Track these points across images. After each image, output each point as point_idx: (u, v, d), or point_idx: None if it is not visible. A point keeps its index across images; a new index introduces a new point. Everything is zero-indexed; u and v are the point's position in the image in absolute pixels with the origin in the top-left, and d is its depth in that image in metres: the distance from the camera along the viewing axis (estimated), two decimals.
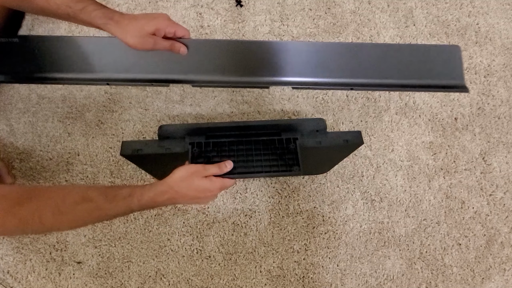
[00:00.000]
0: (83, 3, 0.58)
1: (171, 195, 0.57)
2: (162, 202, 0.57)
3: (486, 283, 0.83)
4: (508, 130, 0.92)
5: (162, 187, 0.57)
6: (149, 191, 0.56)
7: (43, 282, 0.79)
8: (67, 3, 0.57)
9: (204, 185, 0.58)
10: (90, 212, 0.53)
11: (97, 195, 0.53)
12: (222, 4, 0.97)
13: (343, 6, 0.98)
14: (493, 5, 1.00)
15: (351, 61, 0.66)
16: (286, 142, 0.64)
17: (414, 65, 0.65)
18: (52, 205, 0.51)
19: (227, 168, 0.60)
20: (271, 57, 0.66)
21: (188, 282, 0.81)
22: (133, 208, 0.56)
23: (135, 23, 0.58)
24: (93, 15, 0.58)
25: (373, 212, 0.86)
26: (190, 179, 0.57)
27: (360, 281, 0.82)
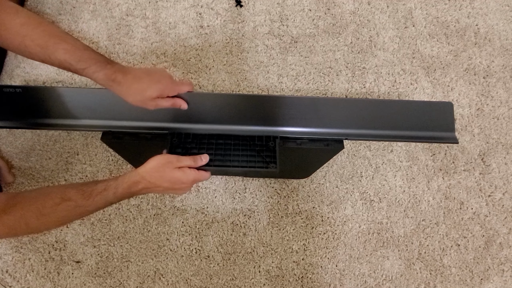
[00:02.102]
0: (85, 63, 0.57)
1: (145, 185, 0.58)
2: (137, 192, 0.58)
3: (485, 283, 0.83)
4: (507, 131, 0.92)
5: (135, 178, 0.57)
6: (123, 183, 0.57)
7: (42, 281, 0.79)
8: (69, 61, 0.57)
9: (177, 176, 0.58)
10: (71, 210, 0.56)
11: (74, 193, 0.55)
12: (222, 4, 0.97)
13: (343, 7, 0.98)
14: (493, 6, 1.00)
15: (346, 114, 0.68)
16: (266, 140, 0.65)
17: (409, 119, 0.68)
18: (34, 210, 0.54)
19: (202, 162, 0.61)
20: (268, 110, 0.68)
21: (187, 282, 0.81)
22: (111, 201, 0.57)
23: (137, 86, 0.59)
24: (95, 77, 0.58)
25: (372, 213, 0.86)
26: (162, 170, 0.58)
27: (358, 282, 0.82)
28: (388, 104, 0.69)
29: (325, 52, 0.95)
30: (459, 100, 0.93)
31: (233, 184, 0.86)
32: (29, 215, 0.54)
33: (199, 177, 0.61)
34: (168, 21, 0.95)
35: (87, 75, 0.58)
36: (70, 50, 0.56)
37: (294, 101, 0.68)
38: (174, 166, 0.58)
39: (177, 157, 0.59)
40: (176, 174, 0.58)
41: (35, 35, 0.56)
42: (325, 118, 0.67)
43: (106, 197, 0.56)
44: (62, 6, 0.95)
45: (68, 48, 0.56)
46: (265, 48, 0.94)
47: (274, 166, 0.62)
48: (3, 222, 0.52)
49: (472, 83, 0.95)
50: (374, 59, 0.95)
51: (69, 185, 0.58)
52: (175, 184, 0.59)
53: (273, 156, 0.63)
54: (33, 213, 0.54)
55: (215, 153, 0.63)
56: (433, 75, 0.94)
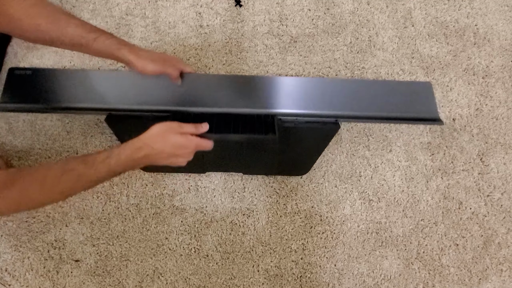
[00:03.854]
0: (96, 33, 0.61)
1: (147, 152, 0.58)
2: (139, 160, 0.58)
3: (483, 283, 0.83)
4: (506, 131, 0.92)
5: (138, 144, 0.58)
6: (125, 149, 0.57)
7: (41, 280, 0.79)
8: (80, 34, 0.60)
9: (180, 141, 0.59)
10: (74, 181, 0.55)
11: (76, 164, 0.55)
12: (222, 4, 0.97)
13: (342, 7, 0.98)
14: (492, 7, 1.00)
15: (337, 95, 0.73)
16: (264, 118, 0.68)
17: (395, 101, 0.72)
18: (37, 183, 0.54)
19: (203, 129, 0.62)
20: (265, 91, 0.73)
21: (186, 281, 0.81)
22: (113, 169, 0.57)
23: (147, 52, 0.65)
24: (107, 43, 0.61)
25: (371, 212, 0.86)
26: (165, 135, 0.58)
27: (357, 281, 0.82)
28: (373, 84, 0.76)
29: (324, 52, 0.95)
30: (458, 100, 0.93)
31: (232, 184, 0.86)
32: (31, 188, 0.53)
33: (201, 143, 0.61)
34: (168, 21, 0.95)
35: (99, 43, 0.61)
36: (81, 24, 0.60)
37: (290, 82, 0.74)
38: (177, 132, 0.59)
39: (179, 124, 0.60)
40: (179, 139, 0.59)
41: (46, 13, 0.59)
42: (319, 100, 0.71)
43: (108, 165, 0.56)
44: (62, 5, 0.95)
45: (78, 23, 0.60)
46: (265, 47, 0.95)
47: (273, 136, 0.65)
48: (5, 197, 0.52)
49: (471, 83, 0.95)
50: (373, 59, 0.95)
51: (71, 157, 0.59)
52: (177, 149, 0.59)
53: (272, 128, 0.66)
54: (35, 186, 0.53)
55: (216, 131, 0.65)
56: (432, 75, 0.95)
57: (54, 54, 0.91)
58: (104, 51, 0.62)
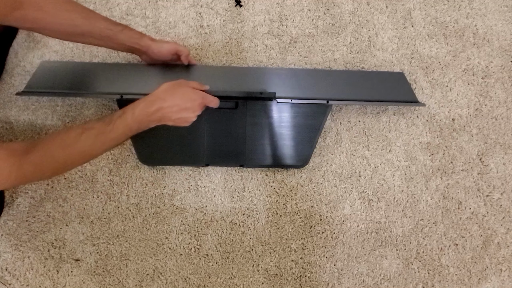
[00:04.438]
0: (121, 26, 0.72)
1: (160, 104, 0.63)
2: (153, 114, 0.63)
3: (483, 283, 0.84)
4: (506, 131, 0.92)
5: (150, 98, 0.64)
6: (140, 103, 0.63)
7: (41, 279, 0.80)
8: (108, 26, 0.70)
9: (188, 92, 0.66)
10: (94, 138, 0.59)
11: (95, 122, 0.61)
12: (222, 4, 0.97)
13: (342, 7, 0.99)
14: (491, 7, 1.00)
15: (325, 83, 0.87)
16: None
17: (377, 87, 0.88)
18: (59, 142, 0.58)
19: (206, 87, 0.70)
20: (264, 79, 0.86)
21: (186, 281, 0.81)
22: (129, 125, 0.62)
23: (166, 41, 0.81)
24: (131, 33, 0.73)
25: (370, 212, 0.86)
26: (175, 88, 0.65)
27: (357, 281, 0.83)
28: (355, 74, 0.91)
29: (324, 52, 0.95)
30: (457, 101, 0.94)
31: (232, 183, 0.86)
32: (54, 148, 0.57)
33: (208, 97, 0.68)
34: (168, 21, 0.96)
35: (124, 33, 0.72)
36: (106, 18, 0.71)
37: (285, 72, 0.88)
38: (185, 85, 0.66)
39: (185, 80, 0.68)
40: (187, 90, 0.66)
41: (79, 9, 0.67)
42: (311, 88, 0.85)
43: (125, 120, 0.61)
44: None
45: (104, 17, 0.71)
46: (265, 48, 0.95)
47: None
48: (29, 161, 0.54)
49: (470, 83, 0.95)
50: (373, 59, 0.95)
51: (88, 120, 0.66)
52: (187, 101, 0.65)
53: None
54: (58, 145, 0.57)
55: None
56: (431, 75, 0.95)
57: (54, 54, 0.91)
58: (129, 41, 0.73)
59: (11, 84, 0.90)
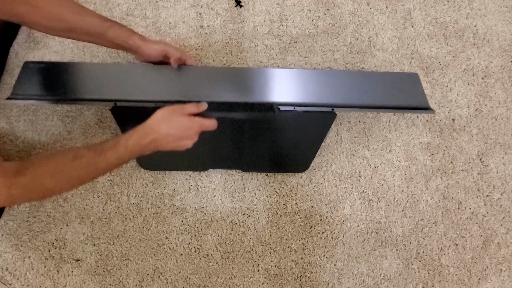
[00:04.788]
0: (111, 22, 0.68)
1: (154, 136, 0.61)
2: (147, 145, 0.61)
3: (483, 283, 0.84)
4: (505, 132, 0.92)
5: (144, 129, 0.61)
6: (133, 136, 0.60)
7: (42, 279, 0.80)
8: (97, 23, 0.67)
9: (184, 122, 0.62)
10: (84, 168, 0.58)
11: (86, 151, 0.58)
12: (222, 4, 0.97)
13: (342, 7, 0.99)
14: (491, 7, 1.00)
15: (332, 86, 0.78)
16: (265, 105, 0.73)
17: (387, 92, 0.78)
18: (48, 169, 0.56)
19: (203, 107, 0.67)
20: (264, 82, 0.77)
21: (186, 281, 0.81)
22: (122, 156, 0.60)
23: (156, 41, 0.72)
24: (120, 30, 0.69)
25: (371, 212, 0.86)
26: (170, 118, 0.61)
27: (357, 281, 0.83)
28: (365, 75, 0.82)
29: (324, 52, 0.95)
30: (457, 101, 0.94)
31: (232, 183, 0.86)
32: (43, 174, 0.55)
33: (204, 123, 0.65)
34: (168, 21, 0.96)
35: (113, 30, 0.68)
36: (97, 14, 0.68)
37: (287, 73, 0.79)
38: (180, 114, 0.62)
39: (181, 105, 0.64)
40: (183, 120, 0.62)
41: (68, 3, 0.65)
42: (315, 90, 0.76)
43: (117, 151, 0.59)
44: None
45: (94, 13, 0.68)
46: (265, 48, 0.95)
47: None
48: (18, 184, 0.53)
49: (470, 83, 0.95)
50: (373, 59, 0.95)
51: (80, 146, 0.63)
52: (183, 131, 0.62)
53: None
54: (47, 172, 0.56)
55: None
56: (431, 76, 0.95)
57: (55, 54, 0.91)
58: (117, 38, 0.69)
59: (11, 85, 0.89)
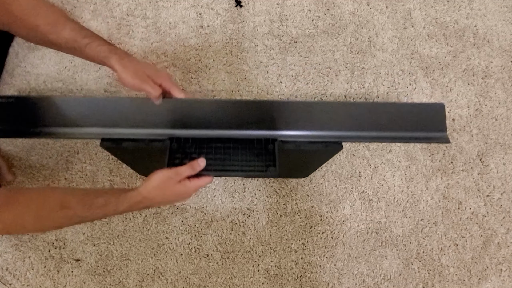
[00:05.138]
0: (89, 39, 0.61)
1: (147, 204, 0.59)
2: (138, 208, 0.60)
3: (483, 283, 0.84)
4: (506, 132, 0.92)
5: (137, 198, 0.58)
6: (124, 202, 0.57)
7: (42, 279, 0.80)
8: (74, 38, 0.60)
9: (179, 190, 0.59)
10: (68, 218, 0.56)
11: (75, 202, 0.55)
12: (222, 4, 0.97)
13: (342, 7, 0.99)
14: (491, 8, 1.00)
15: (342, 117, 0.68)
16: (265, 143, 0.65)
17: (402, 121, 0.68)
18: (33, 212, 0.54)
19: (200, 167, 0.60)
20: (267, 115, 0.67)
21: (186, 281, 0.81)
22: (109, 215, 0.58)
23: (136, 63, 0.62)
24: (98, 49, 0.61)
25: (371, 212, 0.86)
26: (163, 187, 0.58)
27: (357, 281, 0.83)
28: (382, 107, 0.69)
29: (325, 53, 0.95)
30: (457, 101, 0.94)
31: (232, 184, 0.86)
32: (26, 216, 0.54)
33: (199, 184, 0.61)
34: (168, 21, 0.96)
35: (91, 49, 0.60)
36: (77, 28, 0.61)
37: (292, 105, 0.68)
38: (175, 182, 0.58)
39: (176, 170, 0.59)
40: (177, 188, 0.59)
41: (45, 14, 0.60)
42: (323, 121, 0.67)
43: (105, 211, 0.57)
44: (63, 6, 0.96)
45: (75, 26, 0.61)
46: (265, 48, 0.95)
47: (274, 170, 0.62)
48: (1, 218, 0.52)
49: (470, 83, 0.95)
50: (373, 59, 0.95)
51: (71, 192, 0.59)
52: (177, 197, 0.60)
53: (273, 159, 0.63)
54: (31, 215, 0.54)
55: (215, 157, 0.63)
56: (432, 76, 0.95)
57: (55, 54, 0.91)
58: (95, 57, 0.61)
59: (11, 85, 0.90)
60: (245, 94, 0.92)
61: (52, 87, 0.90)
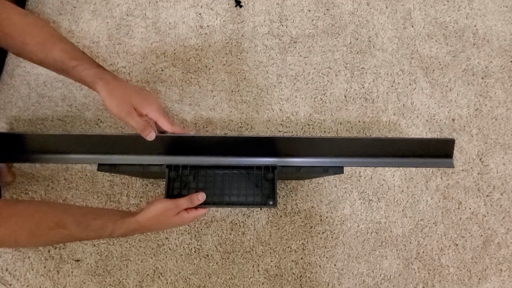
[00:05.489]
0: (77, 61, 0.59)
1: (142, 231, 0.61)
2: (131, 235, 0.62)
3: (483, 283, 0.84)
4: (505, 132, 0.92)
5: (133, 226, 0.58)
6: (121, 228, 0.58)
7: (42, 279, 0.80)
8: (62, 60, 0.59)
9: (174, 222, 0.60)
10: (63, 238, 0.56)
11: (70, 222, 0.55)
12: (222, 4, 0.97)
13: (342, 7, 0.99)
14: (491, 7, 1.00)
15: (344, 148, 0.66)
16: (264, 170, 0.64)
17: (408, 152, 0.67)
18: (27, 229, 0.54)
19: (199, 201, 0.61)
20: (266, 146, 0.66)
21: (186, 281, 0.81)
22: (104, 237, 0.59)
23: (123, 90, 0.59)
24: (84, 74, 0.59)
25: (371, 212, 0.86)
26: (161, 218, 0.59)
27: (357, 281, 0.83)
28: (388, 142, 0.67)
29: (324, 53, 0.95)
30: (457, 101, 0.94)
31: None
32: (20, 232, 0.53)
33: (196, 216, 0.63)
34: (168, 21, 0.96)
35: (77, 72, 0.59)
36: (66, 49, 0.60)
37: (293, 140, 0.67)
38: (173, 213, 0.59)
39: (175, 203, 0.59)
40: (174, 220, 0.60)
41: (37, 34, 0.60)
42: (324, 150, 0.66)
43: (101, 234, 0.58)
44: (63, 6, 0.96)
45: (64, 47, 0.60)
46: (265, 48, 0.95)
47: (272, 202, 0.63)
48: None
49: (470, 83, 0.95)
50: (373, 59, 0.95)
51: (67, 210, 0.59)
52: (172, 226, 0.63)
53: (272, 189, 0.63)
54: (25, 232, 0.54)
55: (213, 186, 0.64)
56: (431, 76, 0.95)
57: None
58: (82, 81, 0.60)
59: (11, 85, 0.90)
60: (244, 94, 0.92)
61: (52, 87, 0.90)
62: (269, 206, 0.64)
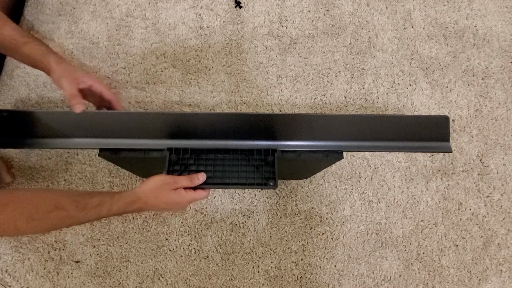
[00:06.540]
0: (28, 39, 0.64)
1: (140, 205, 0.59)
2: (132, 211, 0.59)
3: (483, 284, 0.83)
4: (505, 132, 0.92)
5: (131, 198, 0.58)
6: (118, 201, 0.58)
7: (41, 281, 0.79)
8: (13, 36, 0.63)
9: (173, 198, 0.59)
10: (62, 219, 0.56)
11: (69, 203, 0.55)
12: (222, 5, 0.97)
13: (342, 8, 0.99)
14: (491, 8, 1.00)
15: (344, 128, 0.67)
16: (265, 154, 0.64)
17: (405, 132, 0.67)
18: (26, 213, 0.54)
19: (199, 181, 0.60)
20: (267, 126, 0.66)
21: (186, 282, 0.81)
22: (103, 216, 0.58)
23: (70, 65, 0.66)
24: (36, 48, 0.64)
25: (371, 213, 0.86)
26: (159, 191, 0.58)
27: (357, 282, 0.82)
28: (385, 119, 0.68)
29: (324, 53, 0.95)
30: (457, 101, 0.94)
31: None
32: (19, 217, 0.53)
33: (195, 197, 0.61)
34: (168, 22, 0.96)
35: (29, 48, 0.63)
36: (17, 29, 0.65)
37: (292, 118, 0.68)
38: (171, 188, 0.58)
39: (174, 178, 0.59)
40: (172, 196, 0.58)
41: None
42: (323, 131, 0.67)
43: (99, 212, 0.57)
44: (62, 7, 0.96)
45: (14, 26, 0.65)
46: (265, 49, 0.95)
47: (273, 182, 0.62)
48: None
49: (470, 84, 0.95)
50: (373, 60, 0.95)
51: (65, 193, 0.59)
52: (170, 205, 0.59)
53: (272, 172, 0.63)
54: (24, 216, 0.54)
55: (214, 169, 0.63)
56: (431, 76, 0.95)
57: None
58: (31, 56, 0.64)
59: (10, 86, 0.90)
60: (244, 95, 0.92)
61: (51, 88, 0.90)
62: (269, 187, 0.63)
